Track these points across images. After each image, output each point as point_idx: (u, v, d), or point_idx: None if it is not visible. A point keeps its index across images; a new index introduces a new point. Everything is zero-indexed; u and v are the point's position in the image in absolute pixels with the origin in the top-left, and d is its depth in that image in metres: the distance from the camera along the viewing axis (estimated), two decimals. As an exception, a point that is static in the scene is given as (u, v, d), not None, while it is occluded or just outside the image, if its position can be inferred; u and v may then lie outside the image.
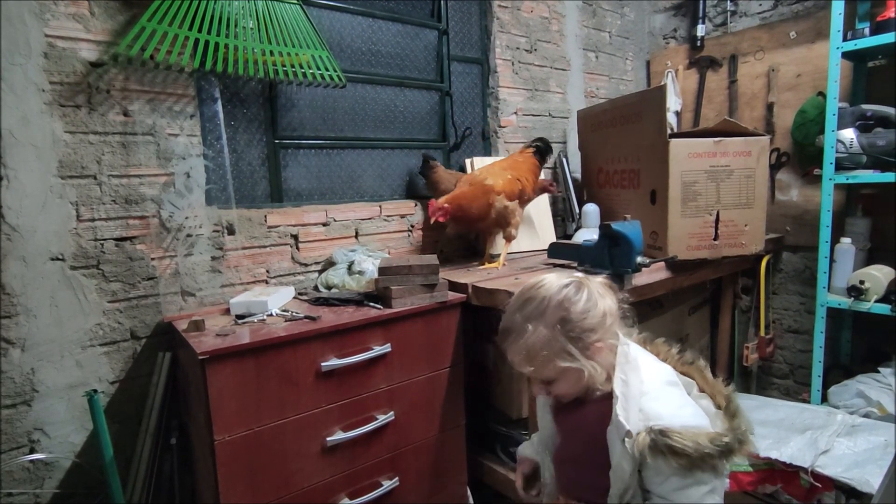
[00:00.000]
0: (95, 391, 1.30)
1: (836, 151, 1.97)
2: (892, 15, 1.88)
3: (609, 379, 0.96)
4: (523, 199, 1.91)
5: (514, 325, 0.96)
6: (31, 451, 1.35)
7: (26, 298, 1.32)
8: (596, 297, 0.95)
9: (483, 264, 1.92)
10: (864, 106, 1.98)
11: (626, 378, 0.93)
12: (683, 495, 0.88)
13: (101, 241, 1.42)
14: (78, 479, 1.41)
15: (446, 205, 1.73)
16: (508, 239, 1.90)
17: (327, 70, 1.72)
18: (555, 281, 0.97)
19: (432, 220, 1.75)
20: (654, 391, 0.92)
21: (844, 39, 1.94)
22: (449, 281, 1.63)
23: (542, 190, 2.07)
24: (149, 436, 1.44)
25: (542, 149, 2.09)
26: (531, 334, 0.93)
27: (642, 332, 1.05)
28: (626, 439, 0.87)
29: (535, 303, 0.95)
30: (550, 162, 2.41)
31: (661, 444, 0.84)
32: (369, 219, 1.95)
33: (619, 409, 0.90)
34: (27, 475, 1.35)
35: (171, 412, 1.50)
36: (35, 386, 1.35)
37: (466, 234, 2.18)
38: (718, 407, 0.95)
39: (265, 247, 1.71)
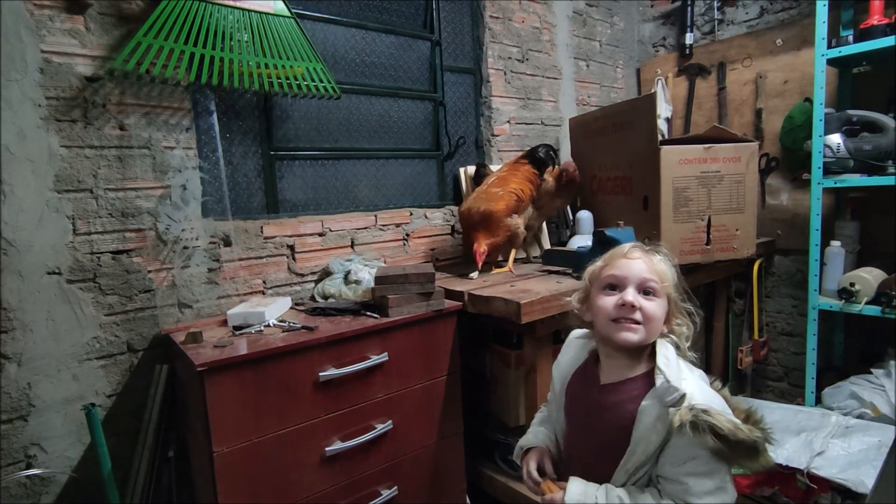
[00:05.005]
0: (93, 405, 1.30)
1: (824, 156, 2.00)
2: (875, 22, 1.92)
3: (648, 357, 1.01)
4: (521, 208, 1.94)
5: (640, 247, 1.06)
6: (28, 467, 1.34)
7: (23, 313, 1.32)
8: None
9: (491, 269, 1.97)
10: (850, 111, 2.01)
11: (669, 358, 0.97)
12: (695, 482, 0.90)
13: (98, 255, 1.42)
14: (75, 494, 1.41)
15: (485, 250, 1.82)
16: (517, 246, 1.96)
17: (322, 82, 1.74)
18: None
19: (480, 265, 1.84)
20: (690, 376, 0.96)
21: (829, 46, 1.98)
22: (445, 289, 1.64)
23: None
24: (147, 449, 1.43)
25: (536, 159, 2.03)
26: (661, 261, 1.03)
27: None
28: (672, 408, 0.89)
29: (662, 253, 1.06)
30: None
31: (703, 422, 0.85)
32: (365, 228, 1.96)
33: (670, 376, 0.93)
34: (24, 491, 1.34)
35: (169, 425, 1.50)
36: (31, 401, 1.34)
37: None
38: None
39: (262, 258, 1.71)
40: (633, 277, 1.00)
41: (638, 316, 0.97)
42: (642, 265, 1.01)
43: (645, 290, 0.99)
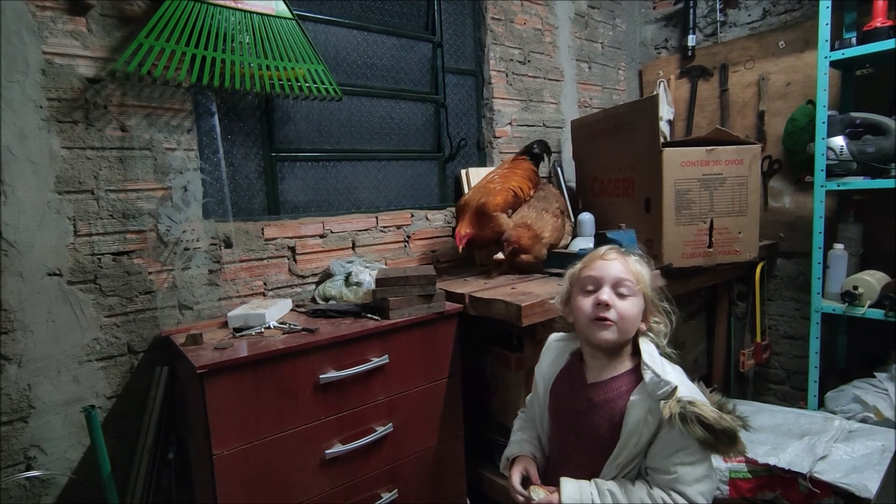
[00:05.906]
0: (93, 407, 1.29)
1: (827, 158, 1.99)
2: (878, 24, 1.91)
3: (631, 355, 1.05)
4: (517, 205, 1.95)
5: (616, 249, 1.09)
6: (28, 469, 1.34)
7: (23, 314, 1.32)
8: None
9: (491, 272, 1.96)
10: (853, 114, 2.01)
11: (652, 355, 1.01)
12: (685, 471, 0.93)
13: (99, 256, 1.42)
14: (75, 496, 1.40)
15: (467, 232, 1.82)
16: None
17: (323, 83, 1.74)
18: None
19: (460, 249, 1.81)
20: (673, 371, 1.00)
21: (832, 49, 1.98)
22: (446, 291, 1.63)
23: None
24: (146, 451, 1.43)
25: (533, 155, 2.11)
26: (636, 262, 1.07)
27: None
28: (662, 401, 0.93)
29: (637, 254, 1.10)
30: (545, 171, 2.43)
31: (690, 413, 0.90)
32: (366, 230, 1.96)
33: (658, 370, 0.97)
34: (23, 493, 1.34)
35: (169, 427, 1.49)
36: (31, 402, 1.34)
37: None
38: None
39: (262, 259, 1.71)
40: (608, 277, 1.04)
41: (612, 314, 1.01)
42: (618, 266, 1.05)
43: (620, 290, 1.03)
